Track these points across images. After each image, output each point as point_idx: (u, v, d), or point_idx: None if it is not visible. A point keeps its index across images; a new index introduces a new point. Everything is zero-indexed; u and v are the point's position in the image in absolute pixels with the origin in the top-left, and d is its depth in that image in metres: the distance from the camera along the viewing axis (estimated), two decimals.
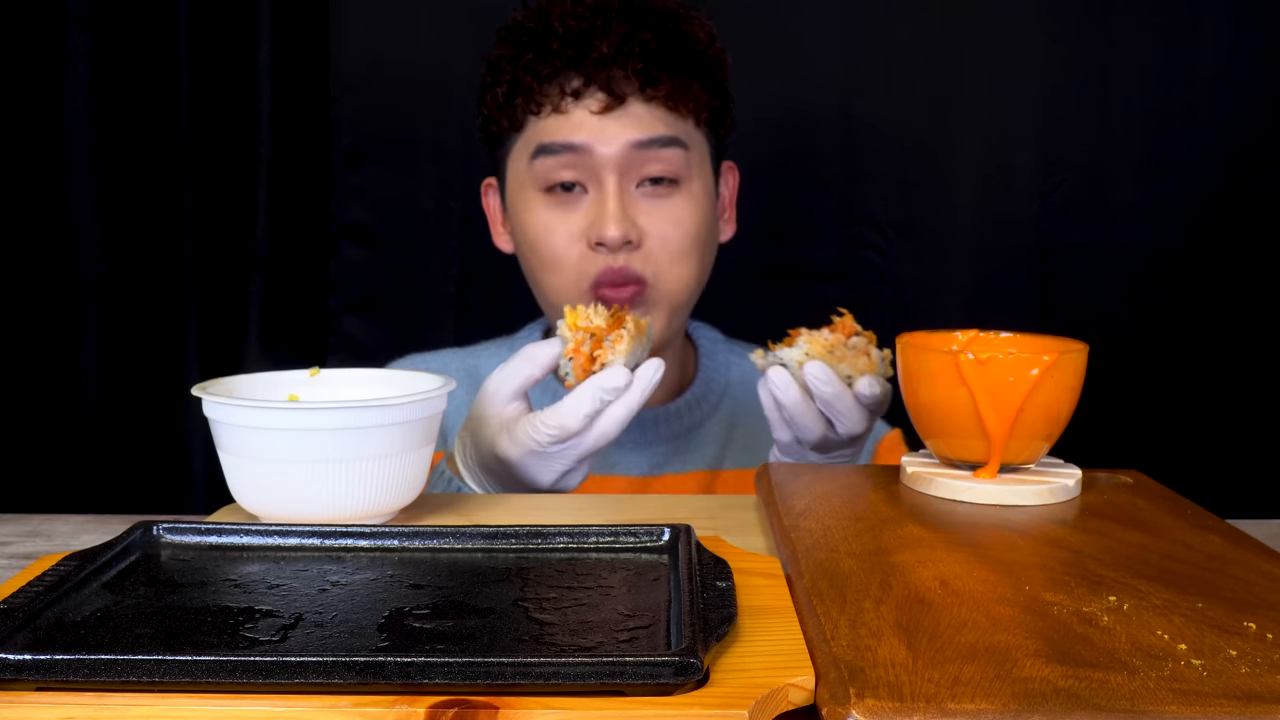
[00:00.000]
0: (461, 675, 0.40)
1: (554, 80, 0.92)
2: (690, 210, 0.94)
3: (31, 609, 0.46)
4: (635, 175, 0.92)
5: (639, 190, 0.93)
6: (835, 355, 0.75)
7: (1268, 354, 1.29)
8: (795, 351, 0.76)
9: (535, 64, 0.92)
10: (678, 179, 0.93)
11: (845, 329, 0.76)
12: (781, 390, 0.75)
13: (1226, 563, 0.53)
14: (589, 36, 0.91)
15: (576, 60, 0.91)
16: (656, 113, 0.92)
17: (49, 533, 0.72)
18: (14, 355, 1.24)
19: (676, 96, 0.92)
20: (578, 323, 0.74)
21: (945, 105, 1.29)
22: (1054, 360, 0.63)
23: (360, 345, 1.33)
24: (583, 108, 0.91)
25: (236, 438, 0.63)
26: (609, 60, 0.90)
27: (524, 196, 0.95)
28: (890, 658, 0.41)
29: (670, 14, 0.94)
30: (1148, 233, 1.29)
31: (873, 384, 0.75)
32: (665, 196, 0.93)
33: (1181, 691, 0.39)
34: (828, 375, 0.74)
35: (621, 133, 0.91)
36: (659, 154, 0.92)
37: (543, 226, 0.93)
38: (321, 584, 0.52)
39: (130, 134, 1.25)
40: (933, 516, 0.61)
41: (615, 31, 0.90)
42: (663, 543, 0.57)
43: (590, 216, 0.92)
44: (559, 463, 0.75)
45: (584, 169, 0.92)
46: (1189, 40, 1.27)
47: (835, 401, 0.74)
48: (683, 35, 0.93)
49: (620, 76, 0.91)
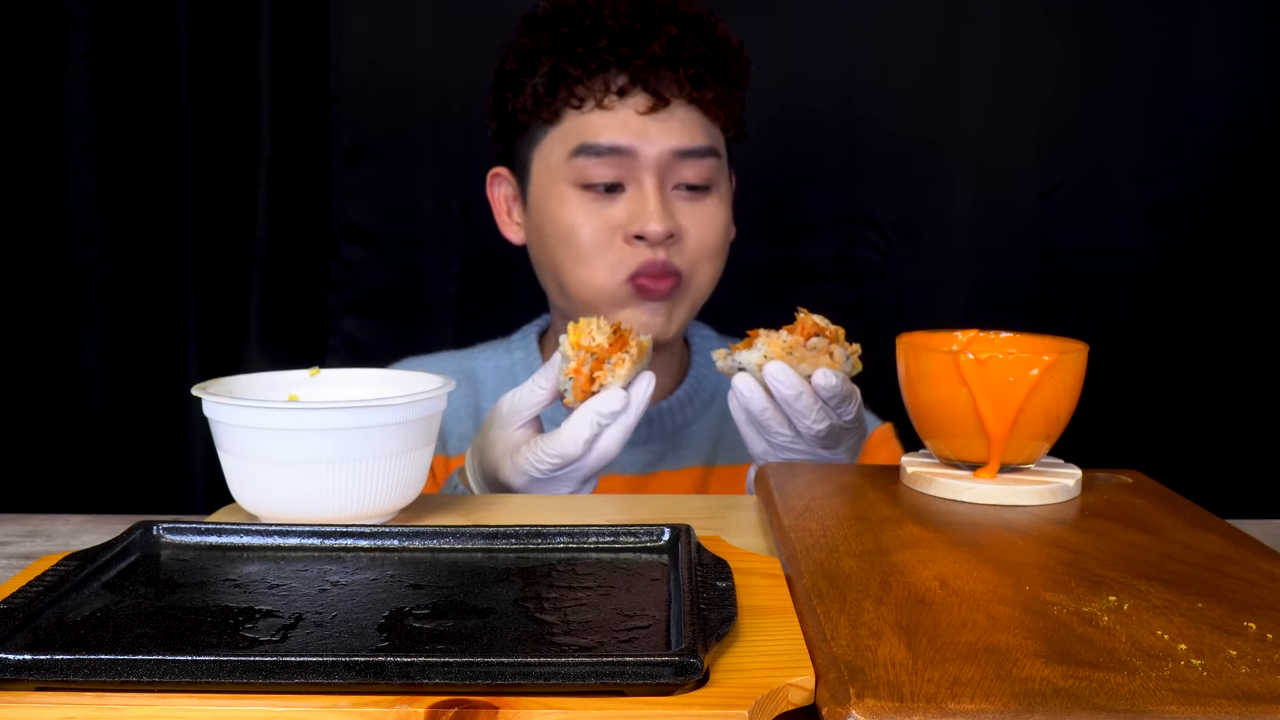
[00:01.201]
0: (461, 675, 0.40)
1: (599, 75, 0.92)
2: (720, 213, 0.96)
3: (31, 609, 0.46)
4: (673, 179, 0.94)
5: (674, 191, 0.94)
6: (795, 356, 0.74)
7: (1268, 354, 1.29)
8: (754, 354, 0.74)
9: (585, 58, 0.91)
10: (709, 185, 0.95)
11: (805, 329, 0.75)
12: (747, 396, 0.74)
13: (1226, 563, 0.53)
14: (639, 36, 0.91)
15: (627, 59, 0.91)
16: (696, 118, 0.93)
17: (49, 533, 0.72)
18: (14, 355, 1.24)
19: (719, 103, 0.94)
20: (580, 341, 0.73)
21: (945, 105, 1.29)
22: (1054, 360, 0.63)
23: (360, 345, 1.33)
24: (628, 107, 0.92)
25: (236, 438, 0.63)
26: (660, 62, 0.91)
27: (556, 190, 0.95)
28: (890, 658, 0.41)
29: (706, 20, 0.95)
30: (1148, 233, 1.30)
31: (828, 375, 0.73)
32: (699, 199, 0.95)
33: (1181, 691, 0.39)
34: (787, 375, 0.72)
35: (664, 137, 0.92)
36: (697, 163, 0.94)
37: (577, 220, 0.94)
38: (321, 584, 0.52)
39: (130, 134, 1.25)
40: (933, 516, 0.61)
41: (665, 34, 0.91)
42: (663, 543, 0.57)
43: (631, 211, 0.92)
44: (563, 486, 0.75)
45: (624, 168, 0.92)
46: (1188, 40, 1.28)
47: (795, 401, 0.73)
48: (727, 45, 0.95)
49: (669, 79, 0.92)
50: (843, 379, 0.74)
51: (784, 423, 0.75)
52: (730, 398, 0.76)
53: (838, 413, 0.75)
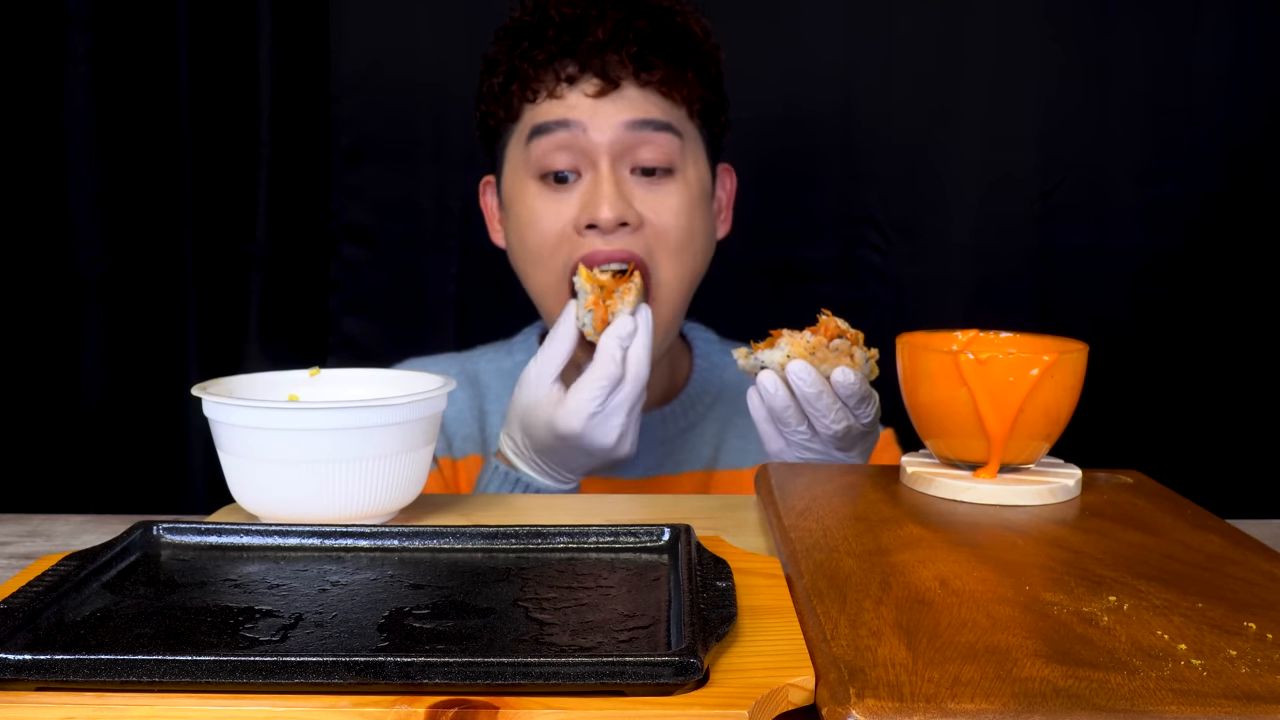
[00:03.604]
0: (461, 675, 0.40)
1: (549, 67, 0.92)
2: (685, 199, 0.93)
3: (31, 609, 0.46)
4: (629, 160, 0.92)
5: (633, 176, 0.92)
6: (817, 357, 0.75)
7: (1268, 354, 1.29)
8: (777, 353, 0.76)
9: (531, 51, 0.92)
10: (672, 167, 0.93)
11: (828, 331, 0.76)
12: (771, 393, 0.75)
13: (1226, 563, 0.53)
14: (584, 23, 0.91)
15: (571, 46, 0.91)
16: (651, 98, 0.92)
17: (49, 533, 0.72)
18: (14, 355, 1.24)
19: (670, 82, 0.92)
20: (595, 275, 0.86)
21: (946, 105, 1.29)
22: (1054, 360, 0.63)
23: (360, 345, 1.33)
24: (577, 91, 0.91)
25: (236, 438, 0.63)
26: (604, 46, 0.91)
27: (518, 183, 0.95)
28: (890, 658, 0.41)
29: (665, 9, 0.94)
30: (1148, 233, 1.30)
31: (846, 373, 0.74)
32: (660, 183, 0.92)
33: (1181, 691, 0.39)
34: (810, 374, 0.74)
35: (616, 114, 0.91)
36: (653, 137, 0.91)
37: (532, 214, 0.93)
38: (321, 584, 0.52)
39: (130, 134, 1.25)
40: (933, 516, 0.61)
41: (610, 18, 0.91)
42: (663, 543, 0.57)
43: (584, 199, 0.91)
44: (615, 419, 0.80)
45: (578, 152, 0.91)
46: (1188, 40, 1.28)
47: (816, 400, 0.75)
48: (677, 27, 0.94)
49: (615, 61, 0.91)
50: (861, 379, 0.76)
51: (803, 421, 0.77)
52: (750, 395, 0.78)
53: (856, 414, 0.77)
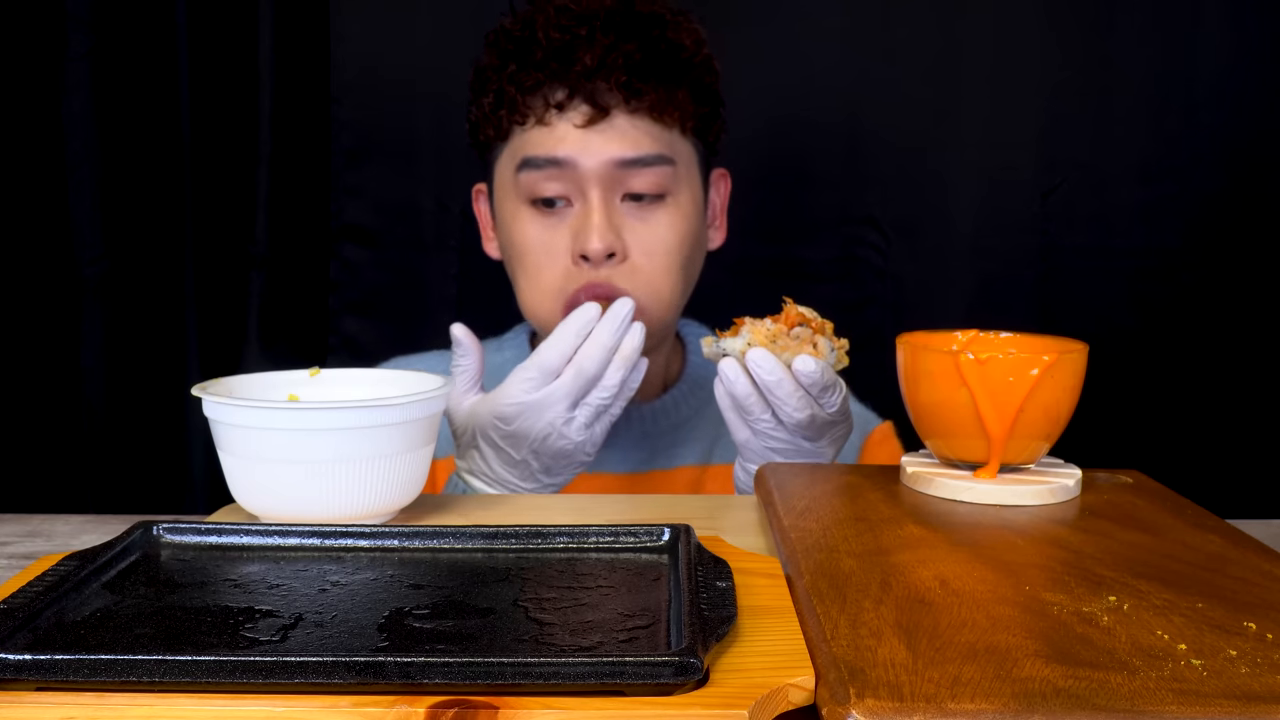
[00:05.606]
0: (461, 675, 0.40)
1: (538, 92, 0.91)
2: (676, 224, 0.93)
3: (31, 609, 0.46)
4: (619, 190, 0.92)
5: (624, 204, 0.92)
6: (778, 345, 0.76)
7: (1268, 354, 1.29)
8: (738, 341, 0.77)
9: (519, 75, 0.91)
10: (663, 194, 0.92)
11: (789, 319, 0.77)
12: (731, 380, 0.76)
13: (1226, 563, 0.53)
14: (573, 48, 0.90)
15: (560, 72, 0.90)
16: (641, 125, 0.91)
17: (49, 533, 0.72)
18: (14, 355, 1.24)
19: (661, 107, 0.91)
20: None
21: (945, 105, 1.29)
22: (1054, 360, 0.63)
23: (360, 345, 1.33)
24: (566, 121, 0.90)
25: (236, 438, 0.63)
26: (592, 73, 0.89)
27: (509, 206, 0.95)
28: (890, 658, 0.41)
29: (657, 21, 0.93)
30: (1148, 233, 1.29)
31: (806, 361, 0.74)
32: (651, 211, 0.92)
33: (1181, 691, 0.39)
34: (769, 361, 0.75)
35: (605, 148, 0.90)
36: (643, 172, 0.91)
37: (527, 240, 0.93)
38: (321, 584, 0.52)
39: (130, 134, 1.25)
40: (933, 516, 0.61)
41: (599, 43, 0.89)
42: (663, 543, 0.57)
43: (575, 227, 0.91)
44: (551, 408, 0.80)
45: (568, 182, 0.91)
46: (1189, 40, 1.27)
47: (776, 388, 0.75)
48: (669, 43, 0.92)
49: (604, 89, 0.90)
50: (823, 367, 0.76)
51: (766, 409, 0.77)
52: (716, 383, 0.78)
53: (820, 402, 0.77)
